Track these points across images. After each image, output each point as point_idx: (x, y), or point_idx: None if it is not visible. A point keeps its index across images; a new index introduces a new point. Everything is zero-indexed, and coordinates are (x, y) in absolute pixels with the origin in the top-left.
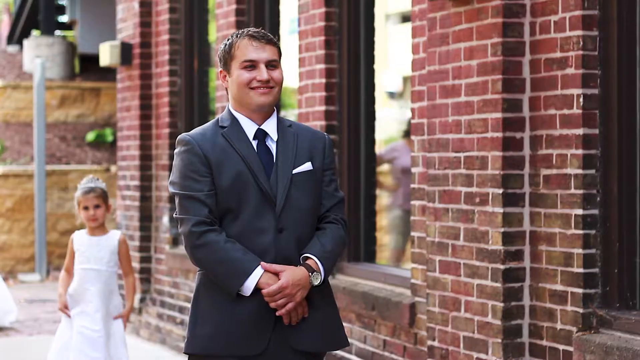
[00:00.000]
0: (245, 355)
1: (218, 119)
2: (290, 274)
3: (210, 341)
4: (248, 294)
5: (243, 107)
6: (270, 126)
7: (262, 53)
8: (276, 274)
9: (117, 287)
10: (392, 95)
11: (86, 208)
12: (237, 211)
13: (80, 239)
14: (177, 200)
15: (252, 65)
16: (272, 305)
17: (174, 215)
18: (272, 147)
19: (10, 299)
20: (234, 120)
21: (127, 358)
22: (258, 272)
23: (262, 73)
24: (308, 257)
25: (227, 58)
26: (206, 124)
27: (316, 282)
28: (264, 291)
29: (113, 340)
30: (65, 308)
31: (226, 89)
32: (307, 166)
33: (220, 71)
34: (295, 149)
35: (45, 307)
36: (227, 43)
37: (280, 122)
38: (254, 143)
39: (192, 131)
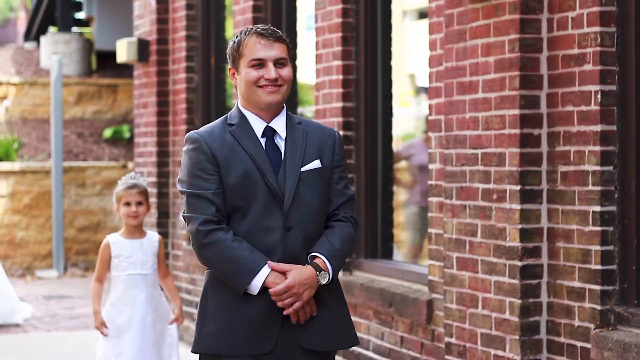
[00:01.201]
0: (253, 354)
1: (227, 117)
2: (298, 273)
3: (217, 340)
4: (255, 293)
5: (251, 104)
6: (279, 123)
7: (270, 51)
8: (283, 273)
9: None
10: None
11: (128, 204)
12: (245, 209)
13: (120, 244)
14: (184, 199)
15: (260, 63)
16: (280, 304)
17: (182, 213)
18: (281, 144)
19: (16, 299)
20: (243, 117)
21: None
22: (265, 271)
23: (270, 72)
24: (316, 256)
25: (236, 56)
26: (215, 122)
27: (324, 282)
28: (270, 290)
29: (167, 344)
30: (102, 325)
31: (235, 87)
32: (316, 164)
33: (230, 68)
34: (304, 146)
35: (62, 303)
36: (236, 41)
37: (290, 119)
38: (262, 141)
39: (200, 129)
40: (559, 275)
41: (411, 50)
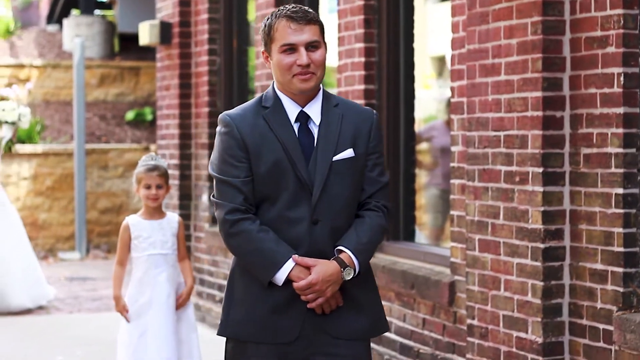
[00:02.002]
0: (276, 343)
1: (262, 97)
2: (321, 269)
3: (242, 327)
4: (280, 285)
5: (286, 89)
6: (313, 108)
7: (302, 35)
8: (308, 268)
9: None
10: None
11: (148, 187)
12: (274, 198)
13: (139, 225)
14: (214, 182)
15: (291, 48)
16: (303, 298)
17: (211, 196)
18: (314, 130)
19: (44, 281)
20: (277, 100)
21: (197, 344)
22: (289, 265)
23: (302, 57)
24: (342, 251)
25: (267, 40)
26: (248, 102)
27: (348, 277)
28: (294, 285)
29: (184, 325)
30: (124, 310)
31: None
32: (349, 153)
33: (263, 52)
34: (338, 133)
35: (85, 285)
36: (266, 24)
37: (327, 101)
38: (296, 126)
39: (233, 110)
40: (582, 257)
41: (433, 32)
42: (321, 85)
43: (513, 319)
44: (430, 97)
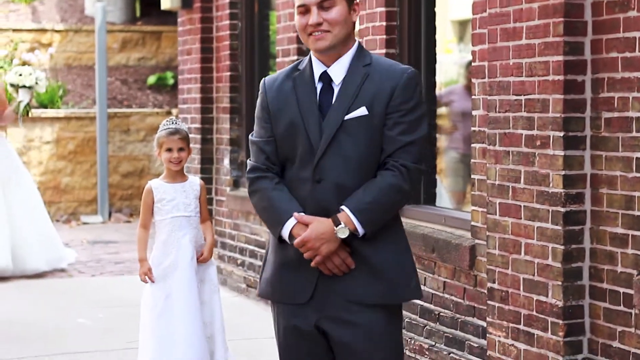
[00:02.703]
0: (293, 303)
1: (300, 61)
2: (315, 226)
3: (266, 286)
4: (290, 243)
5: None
6: (337, 68)
7: None
8: (307, 225)
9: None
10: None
11: (170, 150)
12: (292, 159)
13: (162, 188)
14: None
15: (305, 9)
16: (304, 257)
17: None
18: (336, 90)
19: (61, 244)
20: (309, 62)
21: (220, 306)
22: (290, 222)
23: (313, 16)
24: (342, 209)
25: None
26: (289, 66)
27: (342, 236)
28: (294, 242)
29: (208, 286)
30: (149, 272)
31: None
32: (362, 111)
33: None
34: (358, 92)
35: (107, 248)
36: None
37: (357, 59)
38: (319, 87)
39: (274, 74)
40: (602, 221)
41: None
42: (357, 43)
43: (533, 282)
44: (451, 62)
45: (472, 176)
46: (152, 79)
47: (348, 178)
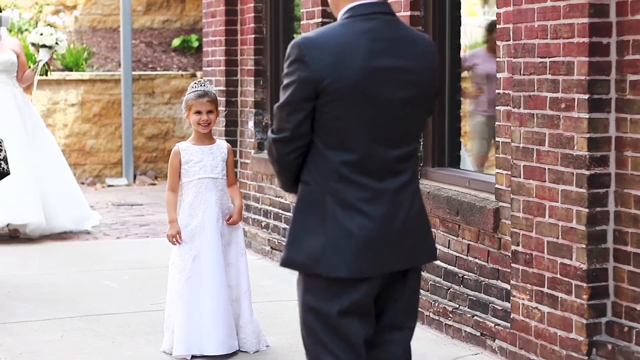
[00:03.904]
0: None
1: None
2: None
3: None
4: None
5: None
6: None
7: None
8: None
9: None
10: None
11: (199, 112)
12: None
13: (190, 150)
14: None
15: None
16: None
17: None
18: None
19: (87, 205)
20: None
21: (246, 268)
22: None
23: None
24: None
25: None
26: None
27: None
28: None
29: (234, 248)
30: (178, 234)
31: None
32: None
33: None
34: None
35: (132, 211)
36: None
37: None
38: None
39: None
40: (627, 184)
41: None
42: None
43: (557, 245)
44: (475, 24)
45: (497, 139)
46: (176, 42)
47: None
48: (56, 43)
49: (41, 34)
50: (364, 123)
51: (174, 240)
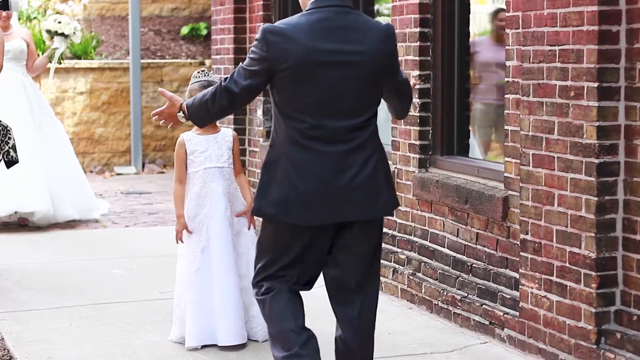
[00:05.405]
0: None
1: None
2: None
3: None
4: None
5: None
6: None
7: None
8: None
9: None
10: None
11: None
12: None
13: (194, 140)
14: None
15: None
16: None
17: None
18: None
19: (93, 195)
20: None
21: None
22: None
23: None
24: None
25: None
26: None
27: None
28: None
29: (244, 238)
30: (184, 229)
31: None
32: None
33: None
34: None
35: (141, 199)
36: None
37: None
38: None
39: None
40: (636, 172)
41: None
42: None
43: (566, 234)
44: (485, 12)
45: (506, 127)
46: (185, 30)
47: None
48: (74, 32)
49: (59, 22)
50: (310, 98)
51: (178, 237)
